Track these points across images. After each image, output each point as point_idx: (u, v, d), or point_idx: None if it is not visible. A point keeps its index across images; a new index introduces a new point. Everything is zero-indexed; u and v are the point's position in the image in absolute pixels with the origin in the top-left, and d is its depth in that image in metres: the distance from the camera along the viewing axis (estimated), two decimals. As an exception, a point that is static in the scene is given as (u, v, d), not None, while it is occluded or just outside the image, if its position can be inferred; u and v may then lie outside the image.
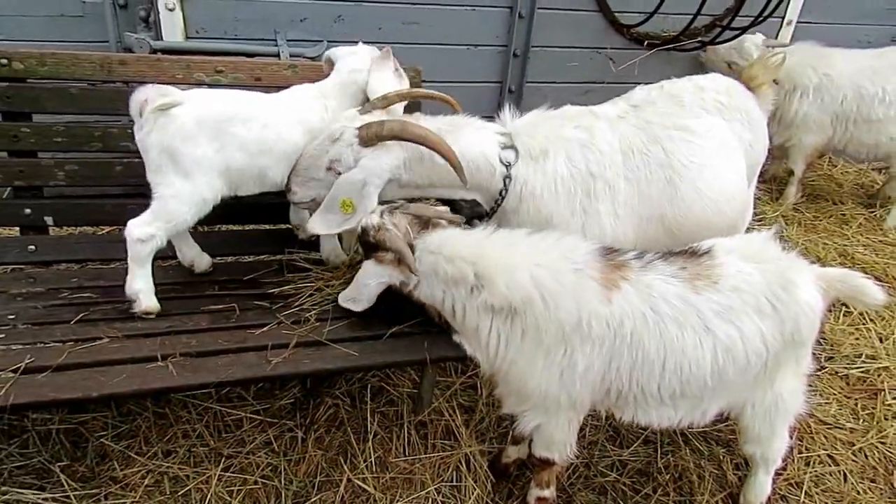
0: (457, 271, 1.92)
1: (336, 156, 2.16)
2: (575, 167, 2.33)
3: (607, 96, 2.67)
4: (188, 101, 2.10)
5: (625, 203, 2.39)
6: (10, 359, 1.80)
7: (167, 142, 2.06)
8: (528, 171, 2.32)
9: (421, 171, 2.23)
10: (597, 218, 2.36)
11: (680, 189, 2.42)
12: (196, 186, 2.12)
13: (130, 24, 3.51)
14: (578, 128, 2.38)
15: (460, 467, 2.40)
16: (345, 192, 2.12)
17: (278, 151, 2.24)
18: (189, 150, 2.08)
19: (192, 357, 1.91)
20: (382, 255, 2.03)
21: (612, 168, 2.36)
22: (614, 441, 2.61)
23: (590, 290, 1.88)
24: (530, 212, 2.34)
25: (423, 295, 2.04)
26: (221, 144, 2.14)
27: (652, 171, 2.41)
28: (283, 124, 2.25)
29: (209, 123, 2.11)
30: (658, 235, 2.47)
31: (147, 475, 2.24)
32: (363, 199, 2.12)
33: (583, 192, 2.34)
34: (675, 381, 1.94)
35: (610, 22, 4.16)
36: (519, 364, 1.95)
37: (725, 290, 1.93)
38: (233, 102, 2.21)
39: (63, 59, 2.30)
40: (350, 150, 2.14)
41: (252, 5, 3.54)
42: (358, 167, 2.13)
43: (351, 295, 2.13)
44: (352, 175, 2.13)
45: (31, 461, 2.23)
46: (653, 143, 2.43)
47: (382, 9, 3.74)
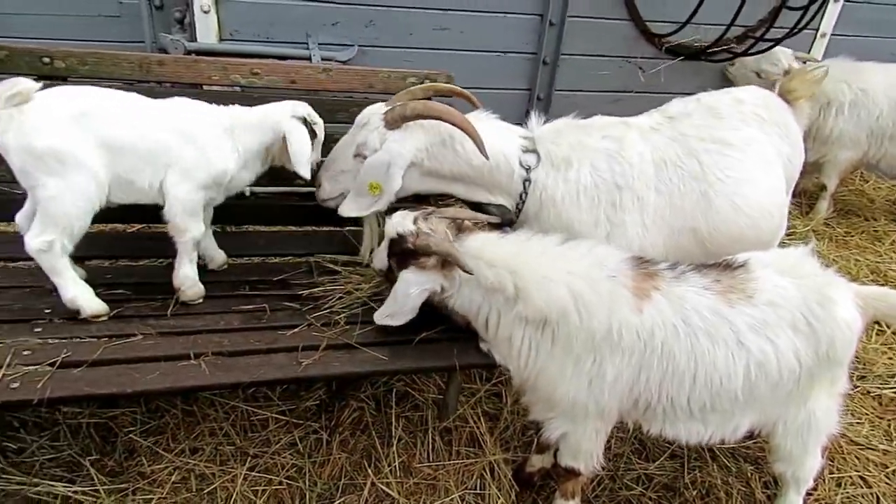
0: (497, 280, 1.91)
1: (363, 140, 2.21)
2: (600, 177, 2.33)
3: (637, 105, 2.66)
4: (41, 98, 1.94)
5: (654, 214, 2.37)
6: (46, 353, 1.83)
7: (25, 142, 1.88)
8: (549, 177, 2.33)
9: (443, 157, 2.25)
10: (623, 229, 2.34)
11: (714, 202, 2.40)
12: (73, 182, 1.94)
13: (165, 25, 3.56)
14: (607, 138, 2.38)
15: (484, 475, 2.39)
16: (372, 175, 2.17)
17: (143, 151, 2.04)
18: (52, 145, 1.89)
19: (224, 356, 1.93)
20: (424, 261, 1.98)
21: (641, 179, 2.35)
22: (640, 454, 2.58)
23: (622, 298, 1.87)
24: (551, 218, 2.35)
25: (461, 303, 2.02)
26: (84, 139, 1.95)
27: (685, 183, 2.39)
28: (154, 127, 2.07)
29: (68, 116, 1.94)
30: (690, 248, 2.44)
31: (174, 472, 2.26)
32: (389, 181, 2.17)
33: (607, 203, 2.33)
34: (706, 394, 1.92)
35: (641, 31, 4.14)
36: (548, 371, 1.94)
37: (760, 305, 1.91)
38: (93, 96, 2.04)
39: (103, 59, 2.34)
40: (376, 133, 2.19)
41: (285, 9, 3.57)
42: (382, 149, 2.18)
43: (389, 310, 2.05)
44: (377, 157, 2.17)
45: (61, 454, 2.25)
46: (688, 155, 2.42)
47: (413, 14, 3.76)
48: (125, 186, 2.07)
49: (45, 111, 1.92)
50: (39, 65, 2.26)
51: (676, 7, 4.05)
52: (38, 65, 2.26)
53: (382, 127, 2.19)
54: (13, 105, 1.87)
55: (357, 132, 2.24)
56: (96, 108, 2.00)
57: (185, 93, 2.48)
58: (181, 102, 2.20)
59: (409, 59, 3.78)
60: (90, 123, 1.97)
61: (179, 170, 2.09)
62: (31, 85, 1.91)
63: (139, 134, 2.04)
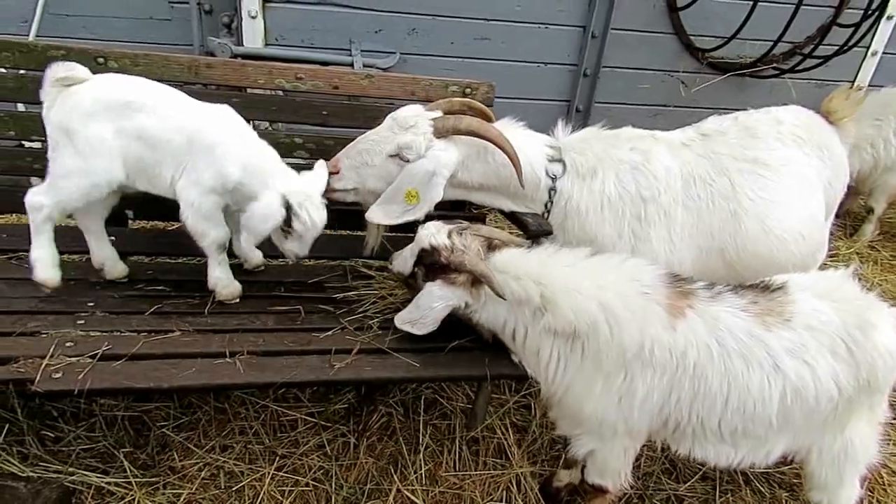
0: (524, 292, 1.90)
1: (408, 143, 2.15)
2: (624, 189, 2.30)
3: (677, 120, 2.63)
4: (91, 81, 2.06)
5: (682, 231, 2.34)
6: (89, 345, 1.87)
7: (64, 118, 2.01)
8: (574, 187, 2.31)
9: (476, 169, 2.26)
10: (648, 244, 2.32)
11: (744, 223, 2.36)
12: (87, 167, 2.04)
13: (213, 29, 3.65)
14: (634, 150, 2.35)
15: (511, 488, 2.37)
16: (412, 182, 2.13)
17: (171, 150, 2.09)
18: (84, 129, 2.01)
19: (259, 356, 1.95)
20: (455, 277, 1.98)
21: (668, 193, 2.32)
22: (670, 475, 2.53)
23: (654, 315, 1.84)
24: (575, 229, 2.34)
25: (486, 317, 2.02)
26: (119, 129, 2.05)
27: (715, 201, 2.36)
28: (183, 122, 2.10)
29: (108, 105, 2.03)
30: (717, 268, 2.40)
31: (204, 468, 2.29)
32: (430, 191, 2.14)
33: (632, 215, 2.31)
34: (738, 418, 1.87)
35: (685, 45, 4.10)
36: (576, 388, 1.92)
37: (798, 328, 1.86)
38: (137, 89, 2.11)
39: (155, 60, 2.40)
40: (423, 138, 2.15)
41: (330, 15, 3.63)
42: (428, 157, 2.15)
43: (411, 317, 2.04)
44: (421, 164, 2.14)
45: (96, 445, 2.30)
46: (719, 173, 2.38)
47: (456, 23, 3.78)
48: (152, 179, 2.14)
49: (89, 96, 2.02)
50: (94, 64, 2.33)
51: (722, 22, 4.00)
52: (92, 64, 2.32)
53: (430, 133, 2.16)
54: (64, 85, 2.02)
55: (399, 131, 2.18)
56: (141, 101, 2.06)
57: (229, 95, 2.55)
58: (223, 110, 2.21)
59: (450, 67, 3.81)
60: (131, 115, 2.05)
61: (193, 174, 2.10)
62: (84, 73, 2.06)
63: (170, 132, 2.07)
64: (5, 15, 3.47)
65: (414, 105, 2.28)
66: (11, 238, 2.46)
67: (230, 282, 2.28)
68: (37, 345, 1.85)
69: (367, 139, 2.22)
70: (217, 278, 2.25)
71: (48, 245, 2.13)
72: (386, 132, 2.20)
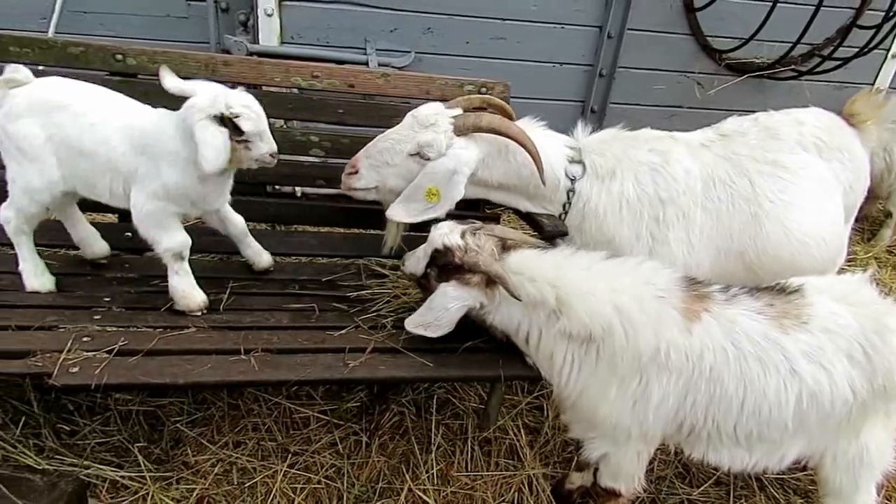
0: (539, 294, 1.89)
1: (428, 141, 2.13)
2: (643, 190, 2.29)
3: (693, 121, 2.61)
4: (32, 84, 2.04)
5: (701, 233, 2.32)
6: (105, 340, 1.88)
7: (3, 120, 2.01)
8: (593, 188, 2.30)
9: (497, 167, 2.25)
10: (666, 246, 2.30)
11: (765, 226, 2.33)
12: (28, 170, 2.03)
13: (230, 27, 3.67)
14: (653, 151, 2.33)
15: (523, 489, 2.37)
16: (432, 181, 2.12)
17: (103, 158, 2.01)
18: (17, 132, 1.99)
19: (273, 353, 1.95)
20: (469, 278, 1.96)
21: (687, 195, 2.30)
22: (684, 479, 2.52)
23: (670, 319, 1.82)
24: (593, 231, 2.32)
25: (500, 319, 2.01)
26: (49, 134, 2.00)
27: (735, 203, 2.34)
28: (114, 129, 2.00)
29: (39, 108, 2.00)
30: (737, 270, 2.38)
31: (217, 464, 2.30)
32: (451, 189, 2.13)
33: (650, 217, 2.29)
34: (753, 422, 1.86)
35: (702, 46, 4.07)
36: (591, 391, 1.90)
37: (815, 332, 1.84)
38: (73, 93, 2.05)
39: (172, 58, 2.41)
40: (443, 136, 2.14)
41: (346, 14, 3.63)
42: (448, 156, 2.14)
43: (424, 321, 2.00)
44: (442, 163, 2.13)
45: (111, 439, 2.32)
46: (739, 175, 2.35)
47: (471, 23, 3.77)
48: (89, 188, 2.09)
49: (24, 99, 2.01)
50: (112, 61, 2.35)
51: (740, 23, 3.97)
52: (111, 61, 2.35)
53: (451, 131, 2.15)
54: (8, 87, 2.01)
55: (419, 130, 2.16)
56: (74, 107, 2.01)
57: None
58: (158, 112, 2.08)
59: (465, 67, 3.80)
60: (57, 120, 2.00)
61: (137, 180, 2.03)
62: (26, 76, 2.04)
63: (100, 140, 2.00)
64: (25, 11, 3.50)
65: (434, 103, 2.26)
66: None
67: (186, 293, 2.14)
68: (54, 339, 1.86)
69: (387, 138, 2.21)
70: (172, 288, 2.14)
71: (30, 255, 2.17)
72: (406, 130, 2.19)
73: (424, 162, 2.15)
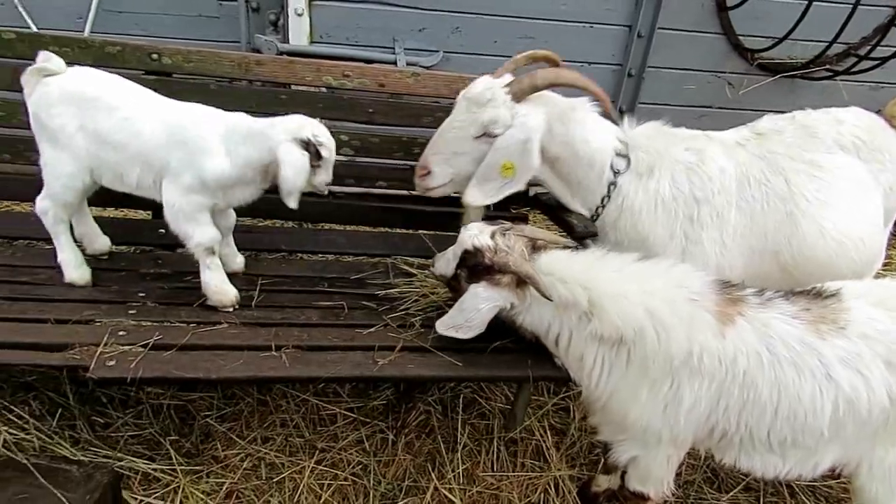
0: (570, 295, 1.87)
1: (492, 118, 2.09)
2: (678, 189, 2.25)
3: (723, 122, 2.57)
4: (65, 74, 2.08)
5: (735, 233, 2.28)
6: (140, 334, 1.91)
7: (35, 108, 2.06)
8: (631, 184, 2.26)
9: (556, 134, 2.18)
10: (700, 246, 2.26)
11: (801, 226, 2.29)
12: (60, 159, 2.08)
13: (260, 26, 3.71)
14: (689, 150, 2.30)
15: (549, 490, 2.36)
16: (505, 155, 2.08)
17: (132, 152, 2.06)
18: (51, 120, 2.04)
19: (304, 350, 1.96)
20: (499, 278, 1.95)
21: (721, 195, 2.26)
22: (712, 484, 2.49)
23: (703, 322, 1.80)
24: (627, 228, 2.28)
25: (530, 320, 2.00)
26: (81, 123, 2.05)
27: (770, 202, 2.29)
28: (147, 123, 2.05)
29: (72, 98, 2.04)
30: (771, 272, 2.34)
31: (246, 458, 2.33)
32: (526, 159, 2.09)
33: (685, 217, 2.26)
34: (787, 428, 1.82)
35: (733, 45, 4.01)
36: (621, 394, 1.89)
37: (853, 337, 1.80)
38: (105, 86, 2.10)
39: (206, 57, 2.44)
40: (504, 108, 2.09)
41: (375, 14, 3.65)
42: (516, 126, 2.09)
43: (455, 322, 2.00)
44: (511, 135, 2.08)
45: (143, 432, 2.36)
46: (775, 173, 2.31)
47: (500, 22, 3.77)
48: (117, 179, 2.13)
49: (58, 88, 2.05)
50: (148, 60, 2.39)
51: (773, 22, 3.90)
52: (146, 60, 2.39)
53: (510, 101, 2.10)
54: (42, 75, 2.06)
55: (477, 110, 2.11)
56: (105, 99, 2.05)
57: (275, 92, 2.58)
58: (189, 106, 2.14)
59: (493, 66, 3.73)
60: (90, 111, 2.04)
61: (170, 174, 2.07)
62: (59, 65, 2.07)
63: (132, 133, 2.04)
64: (62, 11, 3.58)
65: (481, 78, 2.22)
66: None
67: (219, 289, 2.17)
68: (91, 333, 1.89)
69: (449, 129, 2.18)
70: (205, 283, 2.17)
71: (68, 247, 2.20)
72: (464, 115, 2.15)
73: (492, 140, 2.11)
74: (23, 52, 2.34)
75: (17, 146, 2.44)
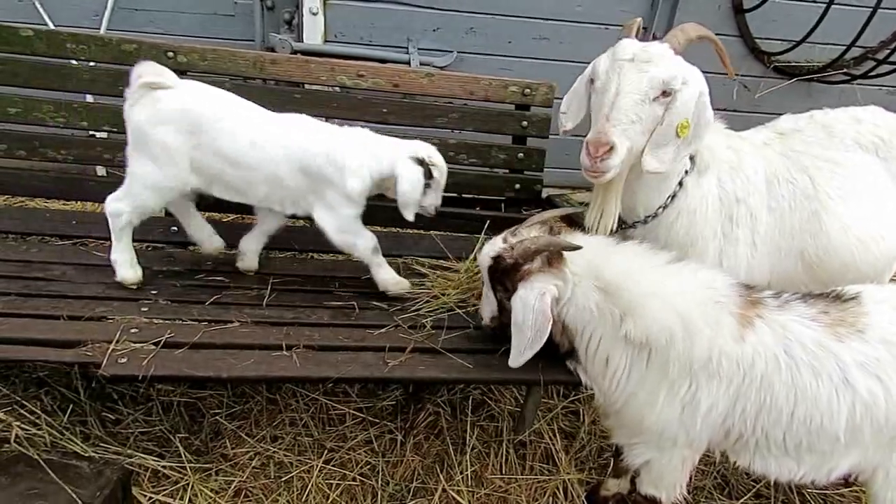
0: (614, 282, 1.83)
1: (671, 73, 1.91)
2: (724, 189, 2.22)
3: (738, 125, 2.53)
4: (178, 88, 2.10)
5: (764, 233, 2.26)
6: (153, 332, 1.92)
7: (143, 121, 2.06)
8: (693, 183, 2.19)
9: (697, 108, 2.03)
10: (734, 246, 2.24)
11: (825, 223, 2.26)
12: (160, 173, 2.10)
13: (275, 25, 3.71)
14: (730, 149, 2.27)
15: (557, 494, 2.35)
16: (681, 114, 1.94)
17: (267, 172, 2.15)
18: (160, 137, 2.06)
19: (315, 350, 1.96)
20: (529, 268, 1.86)
21: (756, 195, 2.24)
22: (723, 490, 2.46)
23: (726, 325, 1.78)
24: (681, 230, 2.21)
25: (573, 312, 1.89)
26: (198, 142, 2.09)
27: (797, 201, 2.27)
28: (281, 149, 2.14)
29: (186, 117, 2.07)
30: (796, 271, 2.32)
31: (255, 457, 2.33)
32: (703, 113, 1.97)
33: (726, 217, 2.23)
34: (804, 432, 1.80)
35: (750, 49, 3.97)
36: (639, 397, 1.87)
37: (872, 341, 1.77)
38: (221, 104, 2.15)
39: (222, 55, 2.45)
40: (672, 63, 1.94)
41: (389, 13, 3.64)
42: (691, 82, 1.94)
43: (520, 343, 1.88)
44: (686, 92, 1.93)
45: (153, 429, 2.37)
46: (799, 171, 2.29)
47: (514, 23, 3.75)
48: (235, 193, 2.21)
49: (172, 103, 2.06)
50: (164, 58, 2.40)
51: (790, 25, 3.86)
52: (162, 58, 2.40)
53: (674, 54, 1.96)
54: (151, 89, 2.06)
55: (646, 69, 1.91)
56: (222, 118, 2.10)
57: (289, 91, 2.58)
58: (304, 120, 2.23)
59: (507, 67, 3.78)
60: (209, 131, 2.09)
61: (314, 196, 2.21)
62: (172, 80, 2.10)
63: (263, 158, 2.13)
64: (79, 8, 3.60)
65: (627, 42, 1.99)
66: (80, 225, 2.55)
67: (397, 281, 2.38)
68: (103, 330, 1.90)
69: (624, 97, 1.92)
70: (383, 280, 2.36)
71: (127, 249, 2.23)
72: (634, 76, 1.93)
73: (666, 100, 1.94)
74: (40, 49, 2.36)
75: (33, 142, 2.45)
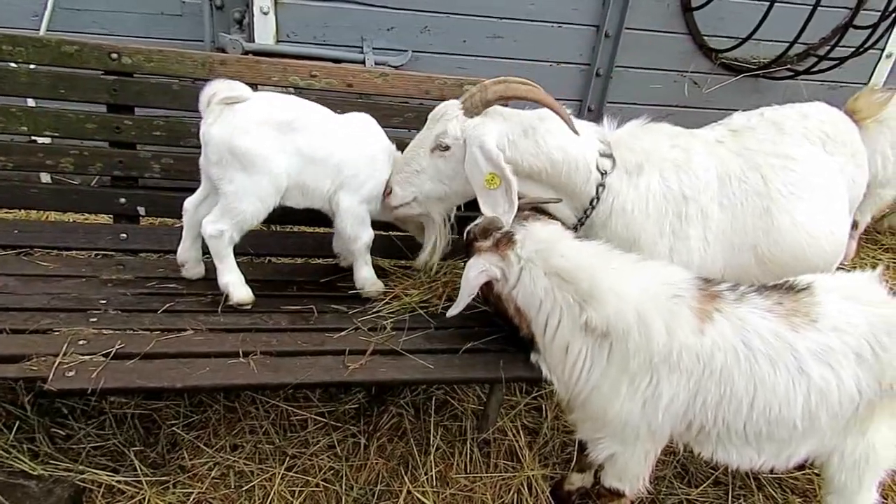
0: (572, 270, 1.90)
1: (440, 130, 2.14)
2: (668, 187, 2.27)
3: (689, 121, 2.60)
4: (254, 99, 2.15)
5: (717, 230, 2.32)
6: (101, 343, 1.85)
7: (229, 136, 2.07)
8: (622, 184, 2.26)
9: (524, 149, 2.17)
10: (686, 242, 2.29)
11: (777, 219, 2.33)
12: (257, 183, 2.12)
13: (225, 25, 3.63)
14: (675, 147, 2.32)
15: (522, 490, 2.36)
16: (481, 170, 2.09)
17: (331, 165, 2.25)
18: (250, 147, 2.08)
19: (273, 356, 1.93)
20: (479, 245, 2.01)
21: (706, 193, 2.29)
22: (682, 478, 2.52)
23: (684, 319, 1.82)
24: (618, 228, 2.28)
25: (523, 296, 1.97)
26: (282, 146, 2.14)
27: (748, 198, 2.33)
28: (342, 139, 2.28)
29: (272, 123, 2.13)
30: (749, 266, 2.38)
31: (214, 467, 2.28)
32: (492, 163, 2.08)
33: (674, 214, 2.27)
34: (763, 421, 1.85)
35: (698, 45, 4.06)
36: (602, 390, 1.89)
37: (825, 330, 1.83)
38: (292, 107, 2.24)
39: (168, 57, 2.38)
40: (455, 121, 2.13)
41: (342, 13, 3.59)
42: (469, 138, 2.11)
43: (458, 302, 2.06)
44: (472, 154, 2.10)
45: (106, 443, 2.29)
46: (751, 169, 2.35)
47: (468, 21, 3.75)
48: (307, 193, 2.28)
49: (254, 115, 2.10)
50: (108, 60, 2.32)
51: (736, 23, 3.96)
52: (106, 60, 2.32)
53: (462, 115, 2.13)
54: (227, 104, 2.08)
55: (433, 126, 2.18)
56: (301, 119, 2.19)
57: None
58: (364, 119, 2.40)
59: (462, 66, 3.77)
60: (292, 133, 2.16)
61: (352, 185, 2.28)
62: (247, 92, 2.15)
63: (332, 148, 2.24)
64: (17, 8, 3.45)
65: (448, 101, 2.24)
66: (23, 234, 2.45)
67: (374, 281, 2.44)
68: (49, 343, 1.83)
69: (408, 149, 2.27)
70: (363, 279, 2.42)
71: (235, 268, 2.24)
72: (423, 133, 2.24)
73: (444, 153, 2.16)
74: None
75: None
